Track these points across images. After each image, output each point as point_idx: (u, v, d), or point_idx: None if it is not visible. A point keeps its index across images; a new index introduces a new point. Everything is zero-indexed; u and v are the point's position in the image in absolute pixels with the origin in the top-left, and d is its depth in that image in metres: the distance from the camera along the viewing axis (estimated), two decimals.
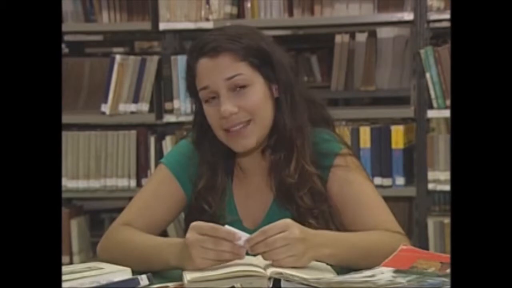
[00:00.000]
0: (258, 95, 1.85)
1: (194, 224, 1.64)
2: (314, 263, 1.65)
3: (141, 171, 3.80)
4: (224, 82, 1.82)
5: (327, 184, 1.88)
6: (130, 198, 2.00)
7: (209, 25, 3.64)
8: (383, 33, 4.05)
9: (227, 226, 1.64)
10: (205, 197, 1.91)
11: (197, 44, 1.87)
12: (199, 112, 1.92)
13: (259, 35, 1.90)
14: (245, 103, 1.83)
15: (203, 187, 1.91)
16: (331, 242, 1.68)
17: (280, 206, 1.89)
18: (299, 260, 1.60)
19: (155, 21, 3.75)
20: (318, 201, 1.87)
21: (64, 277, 1.58)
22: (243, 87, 1.83)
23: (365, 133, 3.60)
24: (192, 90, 1.90)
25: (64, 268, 1.65)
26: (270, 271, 1.56)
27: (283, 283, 1.56)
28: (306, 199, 1.86)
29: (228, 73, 1.83)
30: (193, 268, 1.62)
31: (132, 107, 3.77)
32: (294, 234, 1.60)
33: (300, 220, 1.74)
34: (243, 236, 1.62)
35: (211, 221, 1.87)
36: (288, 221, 1.63)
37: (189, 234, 1.63)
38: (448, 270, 1.54)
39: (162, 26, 3.73)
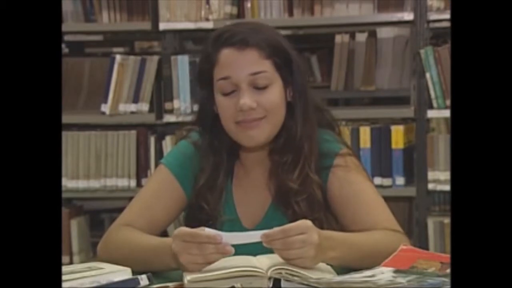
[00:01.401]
0: (277, 95, 1.85)
1: (176, 232, 1.64)
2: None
3: (141, 171, 3.80)
4: (247, 76, 1.82)
5: (327, 184, 1.88)
6: (130, 198, 2.00)
7: (209, 25, 3.64)
8: (383, 33, 4.05)
9: (206, 229, 1.63)
10: (205, 195, 1.91)
11: (223, 34, 1.85)
12: (206, 103, 1.91)
13: (279, 34, 1.91)
14: (264, 101, 1.83)
15: (204, 184, 1.91)
16: (338, 244, 1.67)
17: (278, 207, 1.89)
18: (308, 263, 1.60)
19: (155, 21, 3.74)
20: (314, 209, 1.86)
21: (64, 277, 1.58)
22: (263, 84, 1.83)
23: (365, 133, 3.60)
24: (205, 78, 1.89)
25: (64, 268, 1.65)
26: (270, 271, 1.56)
27: (283, 283, 1.56)
28: (302, 205, 1.86)
29: (254, 68, 1.82)
30: (186, 270, 1.62)
31: (132, 107, 3.77)
32: (313, 238, 1.59)
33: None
34: (224, 235, 1.61)
35: (209, 220, 1.88)
36: (308, 223, 1.61)
37: (174, 244, 1.63)
38: (448, 270, 1.54)
39: (162, 26, 3.73)
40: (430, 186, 3.54)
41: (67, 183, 3.79)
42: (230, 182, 1.95)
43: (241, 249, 1.63)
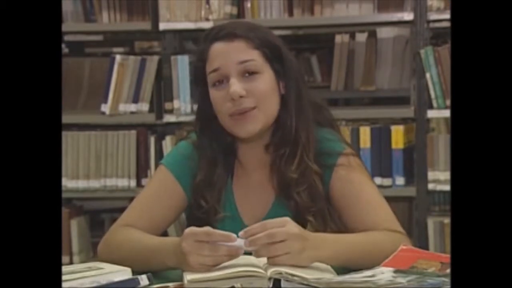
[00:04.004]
0: (267, 84, 1.87)
1: (188, 231, 1.63)
2: (314, 263, 1.65)
3: (141, 171, 3.80)
4: (236, 65, 1.85)
5: (329, 183, 1.88)
6: (130, 198, 2.01)
7: (209, 25, 3.63)
8: (383, 33, 4.05)
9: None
10: (202, 192, 1.91)
11: (212, 30, 1.91)
12: (203, 101, 1.93)
13: (271, 33, 1.94)
14: (254, 88, 1.84)
15: (201, 181, 1.91)
16: (331, 243, 1.68)
17: (281, 203, 1.89)
18: (295, 258, 1.60)
19: (155, 21, 3.75)
20: (316, 199, 1.87)
21: (64, 277, 1.58)
22: (253, 73, 1.85)
23: (365, 133, 3.60)
24: (200, 76, 1.91)
25: (64, 268, 1.65)
26: (270, 271, 1.56)
27: (283, 283, 1.56)
28: (304, 196, 1.87)
29: (242, 57, 1.85)
30: (191, 271, 1.62)
31: (132, 107, 3.77)
32: (293, 230, 1.61)
33: (299, 217, 1.77)
34: (239, 238, 1.61)
35: (208, 217, 1.88)
36: (287, 218, 1.64)
37: (185, 243, 1.62)
38: (448, 270, 1.54)
39: (162, 26, 3.74)
40: (430, 186, 3.54)
41: (67, 183, 3.80)
42: (231, 181, 1.95)
43: None
